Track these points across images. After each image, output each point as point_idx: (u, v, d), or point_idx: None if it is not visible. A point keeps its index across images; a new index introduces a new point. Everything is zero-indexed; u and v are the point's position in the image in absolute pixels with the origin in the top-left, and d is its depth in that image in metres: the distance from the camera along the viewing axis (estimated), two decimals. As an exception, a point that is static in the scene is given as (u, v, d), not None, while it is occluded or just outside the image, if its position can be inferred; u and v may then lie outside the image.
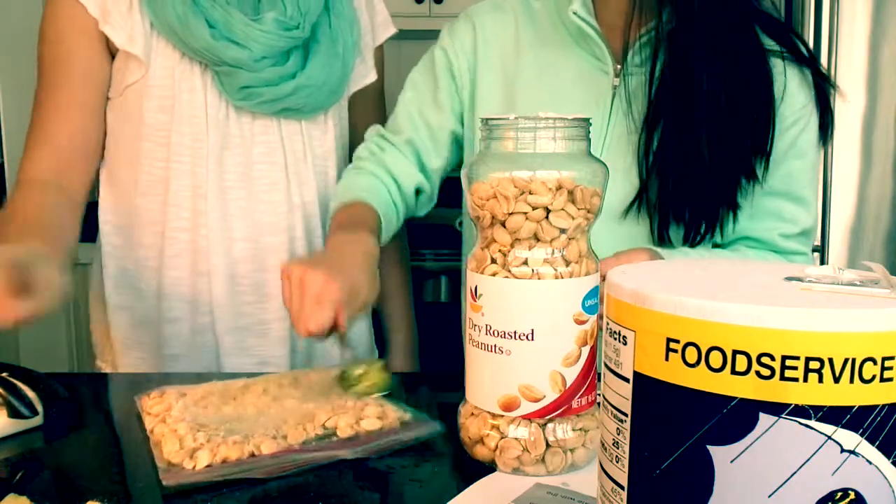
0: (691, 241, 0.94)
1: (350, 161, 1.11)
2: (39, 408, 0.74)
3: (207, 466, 0.62)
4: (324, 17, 1.05)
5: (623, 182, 0.94)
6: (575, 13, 0.93)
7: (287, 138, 1.05)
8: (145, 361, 1.06)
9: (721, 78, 0.88)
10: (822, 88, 0.95)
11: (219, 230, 1.02)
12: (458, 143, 1.05)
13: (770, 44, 0.94)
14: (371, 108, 1.16)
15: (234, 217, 1.03)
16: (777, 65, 0.93)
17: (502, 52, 1.01)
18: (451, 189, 1.10)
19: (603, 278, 0.54)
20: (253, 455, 0.64)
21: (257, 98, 1.00)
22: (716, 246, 0.96)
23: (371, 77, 1.14)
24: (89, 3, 0.97)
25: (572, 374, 0.62)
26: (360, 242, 0.87)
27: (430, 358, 1.32)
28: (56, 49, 0.99)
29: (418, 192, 1.05)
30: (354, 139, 1.15)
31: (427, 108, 1.04)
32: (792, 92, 0.94)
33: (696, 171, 0.90)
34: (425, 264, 2.29)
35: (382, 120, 1.15)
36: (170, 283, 1.03)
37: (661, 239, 0.94)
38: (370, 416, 0.71)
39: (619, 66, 0.95)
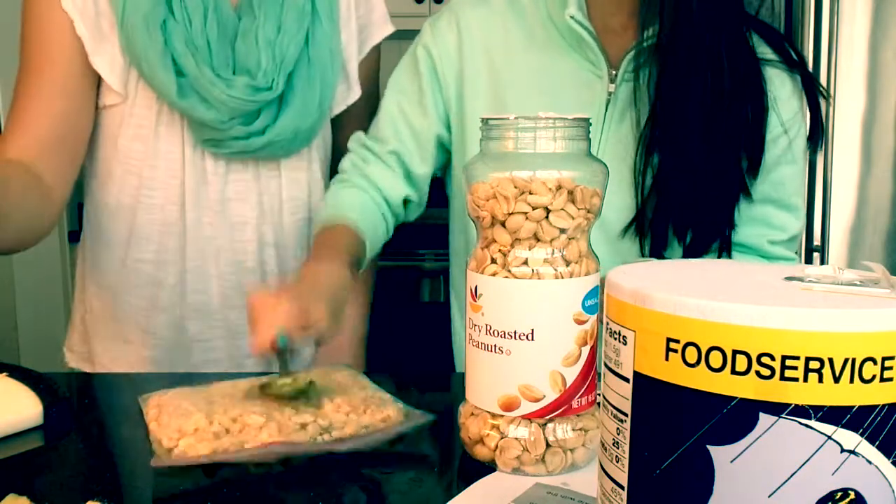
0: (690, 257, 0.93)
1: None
2: (41, 407, 0.74)
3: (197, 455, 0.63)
4: (303, 53, 0.99)
5: (618, 194, 0.92)
6: (572, 17, 0.91)
7: (264, 174, 1.02)
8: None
9: (717, 88, 0.87)
10: (813, 94, 0.95)
11: (193, 270, 1.01)
12: (443, 147, 1.02)
13: (763, 51, 0.93)
14: (359, 123, 1.10)
15: (208, 256, 1.02)
16: (770, 72, 0.92)
17: (489, 52, 0.98)
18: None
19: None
20: (244, 447, 0.64)
21: (226, 149, 0.98)
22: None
23: (354, 94, 1.08)
24: (77, 20, 0.93)
25: (572, 374, 0.62)
26: (330, 274, 0.85)
27: (430, 358, 1.32)
28: (38, 29, 0.95)
29: (406, 202, 1.04)
30: (341, 156, 1.10)
31: (412, 113, 1.00)
32: (784, 99, 0.93)
33: (696, 188, 0.89)
34: (424, 264, 2.29)
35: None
36: (129, 309, 1.03)
37: (658, 257, 0.93)
38: (369, 417, 0.70)
39: (613, 72, 0.94)
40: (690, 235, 0.91)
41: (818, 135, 0.96)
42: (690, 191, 0.89)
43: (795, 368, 0.32)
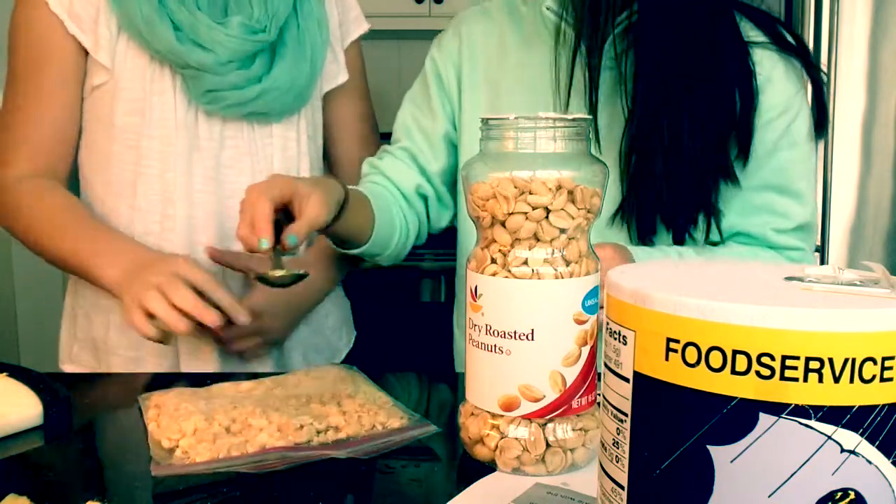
0: (677, 243, 0.93)
1: (324, 162, 1.15)
2: (41, 407, 0.74)
3: (197, 461, 0.62)
4: (292, 19, 1.04)
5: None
6: (548, 8, 0.94)
7: (258, 141, 1.04)
8: (115, 363, 1.05)
9: (698, 68, 0.87)
10: (816, 78, 0.94)
11: (185, 235, 1.01)
12: (454, 146, 1.06)
13: (753, 35, 0.92)
14: (347, 107, 1.15)
15: (201, 222, 1.02)
16: (761, 55, 0.91)
17: (487, 55, 1.02)
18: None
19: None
20: (246, 452, 0.64)
21: (223, 102, 0.99)
22: (710, 243, 0.95)
23: (343, 76, 1.13)
24: (55, 5, 0.96)
25: (572, 374, 0.62)
26: (321, 180, 0.92)
27: (430, 357, 1.32)
28: (28, 41, 0.98)
29: (424, 197, 1.06)
30: (331, 139, 1.15)
31: (422, 116, 1.05)
32: (777, 81, 0.91)
33: (680, 172, 0.89)
34: (423, 264, 2.29)
35: (362, 117, 1.17)
36: None
37: (645, 243, 0.93)
38: (369, 418, 0.70)
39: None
40: (677, 219, 0.91)
41: (823, 119, 0.95)
42: (674, 174, 0.89)
43: (795, 368, 0.32)
